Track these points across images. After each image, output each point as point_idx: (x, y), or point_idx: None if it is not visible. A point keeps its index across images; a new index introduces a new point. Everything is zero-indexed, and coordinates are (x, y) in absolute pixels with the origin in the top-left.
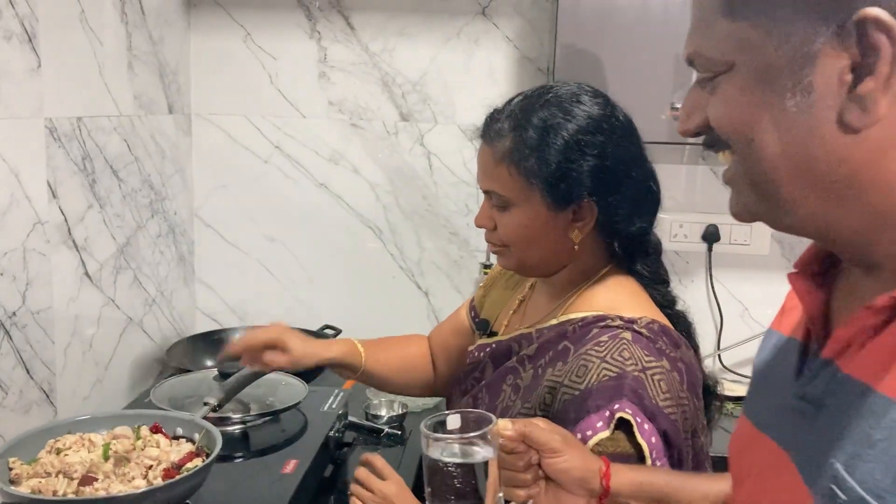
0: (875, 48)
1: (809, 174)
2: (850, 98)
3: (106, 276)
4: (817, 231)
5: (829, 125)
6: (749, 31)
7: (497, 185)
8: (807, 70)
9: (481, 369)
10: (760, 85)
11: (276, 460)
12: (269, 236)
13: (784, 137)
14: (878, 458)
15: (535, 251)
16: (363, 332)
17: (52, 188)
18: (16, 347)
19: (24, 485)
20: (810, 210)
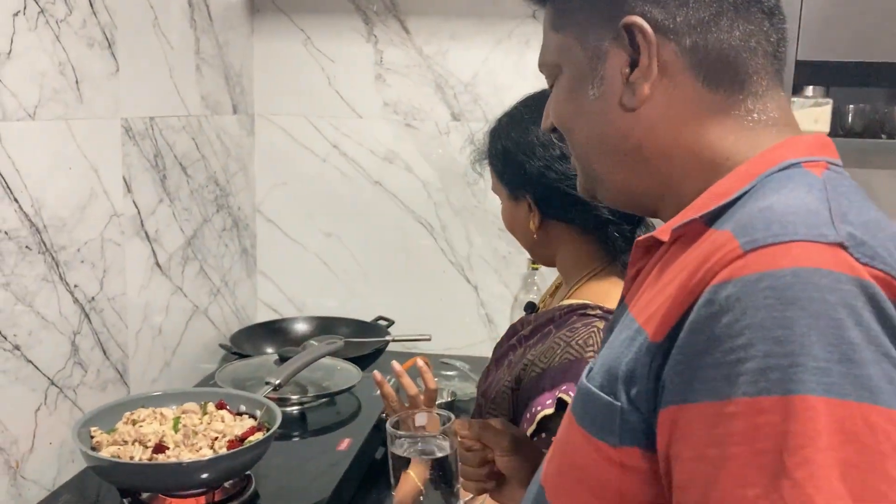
0: (637, 47)
1: (609, 151)
2: (626, 85)
3: (174, 267)
4: (628, 199)
5: (615, 108)
6: (566, 40)
7: (492, 182)
8: (600, 66)
9: (500, 345)
10: (575, 82)
11: (331, 439)
12: (326, 231)
13: (589, 123)
14: (604, 352)
15: (520, 239)
16: (414, 324)
17: (127, 183)
18: (94, 330)
19: (104, 450)
20: (618, 182)
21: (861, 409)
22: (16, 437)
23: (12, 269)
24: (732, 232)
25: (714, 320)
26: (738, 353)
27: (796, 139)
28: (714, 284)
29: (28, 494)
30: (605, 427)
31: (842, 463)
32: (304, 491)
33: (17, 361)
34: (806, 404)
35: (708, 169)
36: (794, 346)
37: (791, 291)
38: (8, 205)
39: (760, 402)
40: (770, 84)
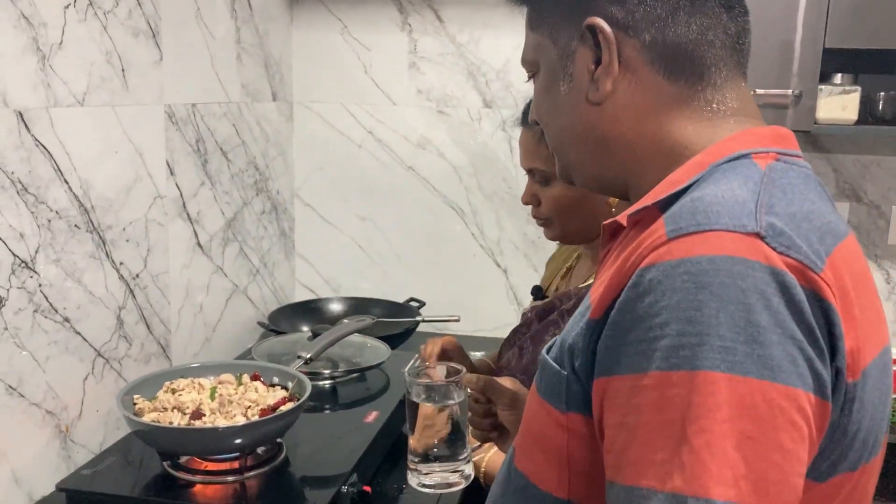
0: (599, 45)
1: (579, 142)
2: (592, 81)
3: (215, 247)
4: (599, 185)
5: (582, 103)
6: (541, 39)
7: (539, 162)
8: (570, 64)
9: (528, 325)
10: (549, 78)
11: (360, 412)
12: (361, 215)
13: (561, 116)
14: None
15: (576, 219)
16: (445, 305)
17: (170, 167)
18: (139, 305)
19: (145, 417)
20: (589, 170)
21: (761, 385)
22: (66, 403)
23: (62, 247)
24: (664, 219)
25: (638, 300)
26: (655, 331)
27: (751, 131)
28: (641, 268)
29: (77, 457)
30: (556, 394)
31: (739, 433)
32: (333, 459)
33: (66, 333)
34: (709, 379)
35: (668, 158)
36: (703, 327)
37: (705, 277)
38: (59, 186)
39: (671, 376)
40: (730, 75)
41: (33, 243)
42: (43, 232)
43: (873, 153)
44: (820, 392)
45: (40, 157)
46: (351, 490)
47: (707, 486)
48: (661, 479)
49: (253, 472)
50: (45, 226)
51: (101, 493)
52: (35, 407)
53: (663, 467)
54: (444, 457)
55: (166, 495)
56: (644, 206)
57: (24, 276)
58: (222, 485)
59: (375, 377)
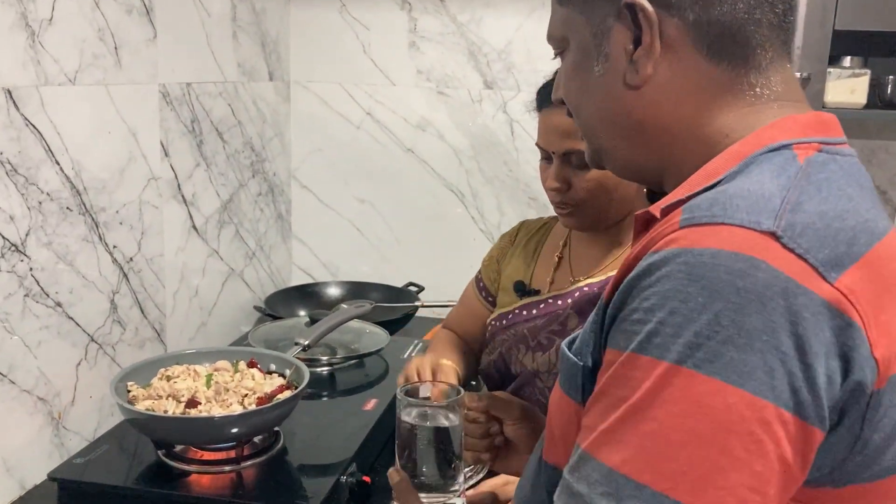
0: (640, 25)
1: (613, 126)
2: (630, 63)
3: (211, 230)
4: (633, 173)
5: (619, 85)
6: (572, 14)
7: (579, 143)
8: (605, 43)
9: (561, 322)
10: (580, 57)
11: (359, 399)
12: (360, 198)
13: (594, 98)
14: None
15: (611, 202)
16: (444, 290)
17: (164, 147)
18: (133, 289)
19: (139, 404)
20: (623, 156)
21: (724, 388)
22: (58, 389)
23: (54, 230)
24: (682, 209)
25: (636, 283)
26: (641, 314)
27: (794, 118)
28: (648, 253)
29: (69, 444)
30: (574, 387)
31: (688, 431)
32: (331, 447)
33: (58, 318)
34: (671, 372)
35: (707, 146)
36: (682, 319)
37: (700, 270)
38: (50, 167)
39: (638, 359)
40: (775, 56)
41: (24, 226)
42: (34, 214)
43: (881, 138)
44: (798, 411)
45: (30, 136)
46: (350, 480)
47: (642, 471)
48: (602, 449)
49: (250, 461)
50: (35, 208)
51: (93, 482)
52: (26, 394)
53: (606, 439)
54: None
55: (161, 485)
56: (676, 199)
57: (15, 259)
58: (219, 474)
59: (374, 363)
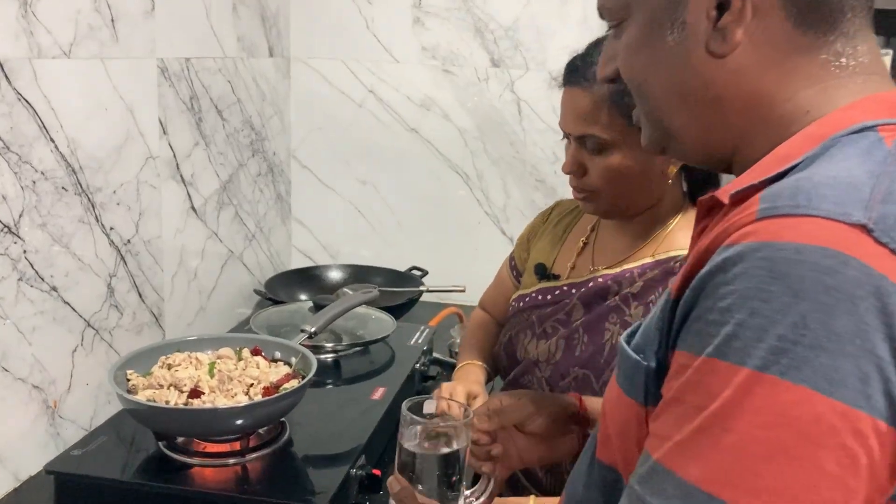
0: None
1: (687, 102)
2: (715, 30)
3: (210, 211)
4: (703, 155)
5: (699, 54)
6: None
7: (596, 128)
8: (681, 10)
9: (567, 311)
10: (649, 26)
11: (365, 388)
12: (361, 179)
13: (666, 72)
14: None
15: (631, 191)
16: (448, 274)
17: (163, 125)
18: (130, 273)
19: (139, 394)
20: (694, 136)
21: (812, 397)
22: (53, 377)
23: (49, 210)
24: (760, 197)
25: (710, 280)
26: (717, 314)
27: (879, 97)
28: (722, 246)
29: (65, 433)
30: (635, 386)
31: (773, 444)
32: (339, 438)
33: (54, 303)
34: (754, 379)
35: (783, 124)
36: (765, 321)
37: (785, 266)
38: (44, 145)
39: (716, 364)
40: (862, 23)
41: (17, 206)
42: (27, 194)
43: None
44: (894, 420)
45: (23, 112)
46: (360, 473)
47: (722, 487)
48: (678, 462)
49: (255, 453)
50: (29, 187)
51: (91, 476)
52: (20, 382)
53: (682, 451)
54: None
55: (162, 479)
56: (747, 185)
57: (8, 241)
58: (222, 467)
59: (379, 350)
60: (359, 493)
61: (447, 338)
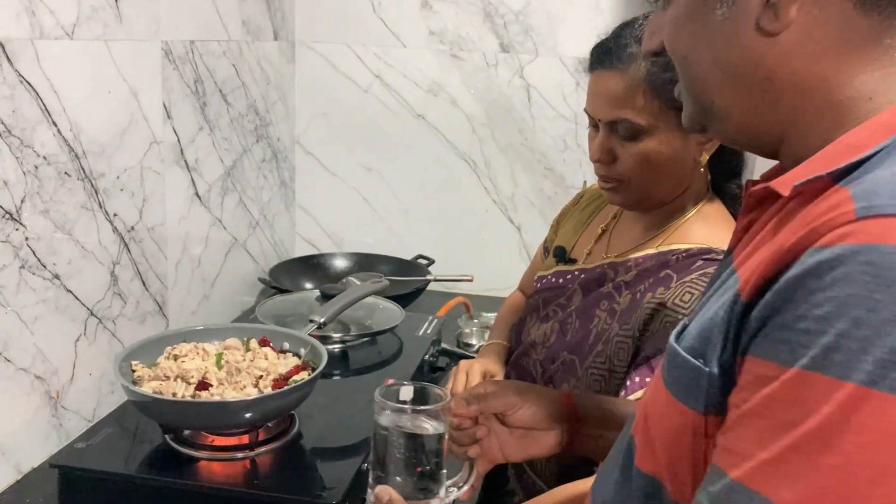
0: None
1: (734, 81)
2: (766, 6)
3: (214, 197)
4: (746, 138)
5: (749, 32)
6: None
7: (630, 112)
8: None
9: (567, 296)
10: (697, 1)
11: (374, 379)
12: (367, 166)
13: (713, 48)
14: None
15: (661, 180)
16: (454, 263)
17: (167, 109)
18: (133, 260)
19: (145, 385)
20: (739, 117)
21: None
22: (56, 367)
23: (51, 196)
24: (853, 194)
25: (800, 284)
26: (812, 323)
27: None
28: (813, 247)
29: (68, 425)
30: (691, 393)
31: (882, 467)
32: (349, 431)
33: (56, 291)
34: (860, 395)
35: (842, 111)
36: (872, 333)
37: (892, 272)
38: (47, 128)
39: (812, 377)
40: None
41: (18, 192)
42: (29, 179)
43: None
44: None
45: (25, 95)
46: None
47: None
48: (767, 482)
49: (264, 447)
50: (31, 172)
51: (96, 469)
52: (23, 372)
53: (771, 470)
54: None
55: (168, 473)
56: (814, 175)
57: (9, 228)
58: (231, 461)
59: (387, 341)
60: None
61: (455, 328)
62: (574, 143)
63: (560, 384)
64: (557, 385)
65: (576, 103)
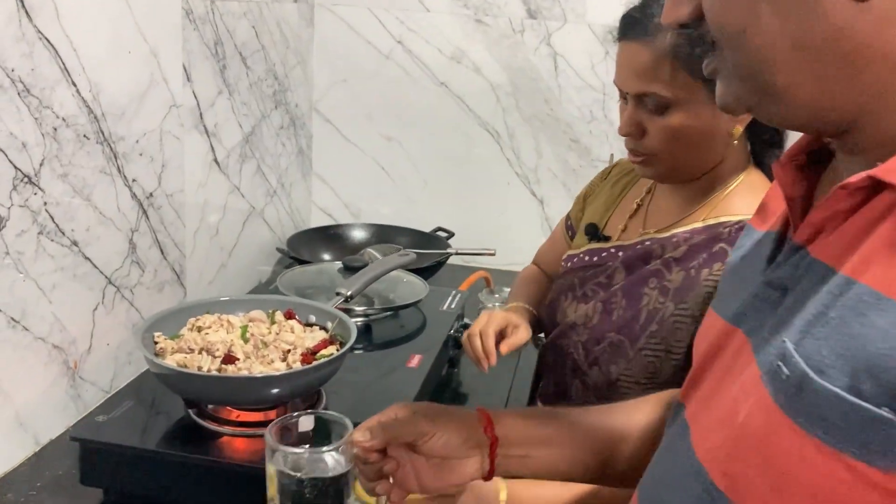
0: None
1: (809, 56)
2: None
3: (232, 164)
4: (808, 120)
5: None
6: None
7: (657, 85)
8: None
9: (608, 275)
10: None
11: (398, 354)
12: (386, 135)
13: (783, 19)
14: (828, 335)
15: (692, 153)
16: (474, 236)
17: (186, 71)
18: (152, 228)
19: (168, 358)
20: (804, 98)
21: None
22: (74, 336)
23: (70, 160)
24: None
25: None
26: None
27: None
28: None
29: (86, 396)
30: (878, 447)
31: None
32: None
33: (74, 258)
34: None
35: None
36: None
37: None
38: (66, 88)
39: None
40: None
41: (37, 155)
42: (48, 142)
43: None
44: None
45: (44, 53)
46: None
47: None
48: None
49: None
50: (50, 135)
51: (117, 444)
52: (40, 341)
53: None
54: None
55: (191, 449)
56: None
57: (28, 192)
58: (256, 437)
59: (409, 315)
60: None
61: (475, 303)
62: (601, 115)
63: (608, 366)
64: (604, 367)
65: (604, 73)
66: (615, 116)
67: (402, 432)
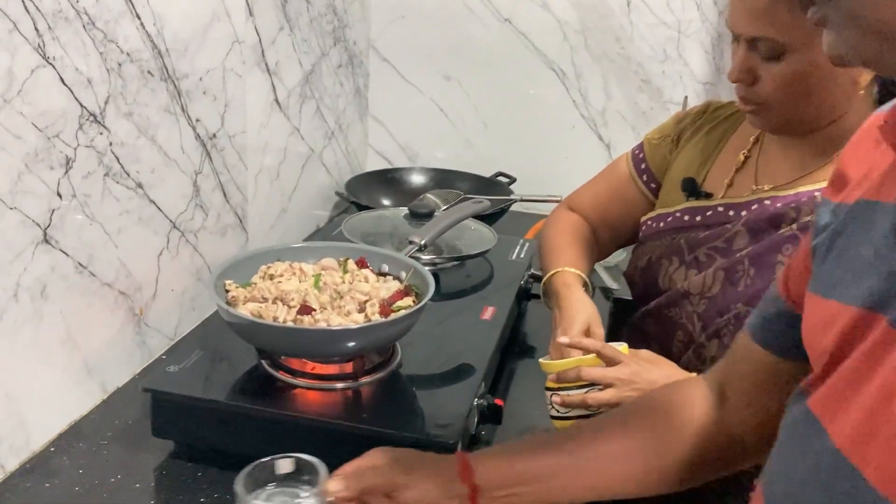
0: None
1: None
2: None
3: (293, 105)
4: None
5: None
6: None
7: (772, 29)
8: None
9: (726, 239)
10: None
11: (469, 305)
12: (445, 74)
13: None
14: None
15: (810, 103)
16: (536, 182)
17: (248, 5)
18: (215, 170)
19: (241, 307)
20: None
21: None
22: (139, 283)
23: (134, 98)
24: None
25: None
26: None
27: None
28: None
29: (151, 343)
30: None
31: None
32: (451, 359)
33: (139, 201)
34: None
35: None
36: None
37: None
38: (130, 21)
39: None
40: None
41: (102, 92)
42: (113, 78)
43: None
44: None
45: None
46: (481, 403)
47: None
48: None
49: (367, 377)
50: (114, 70)
51: (190, 395)
52: (107, 287)
53: None
54: None
55: (267, 402)
56: None
57: (93, 132)
58: (330, 391)
59: (476, 264)
60: (478, 425)
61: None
62: (675, 54)
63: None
64: (728, 340)
65: (680, 9)
66: (690, 56)
67: (376, 483)
